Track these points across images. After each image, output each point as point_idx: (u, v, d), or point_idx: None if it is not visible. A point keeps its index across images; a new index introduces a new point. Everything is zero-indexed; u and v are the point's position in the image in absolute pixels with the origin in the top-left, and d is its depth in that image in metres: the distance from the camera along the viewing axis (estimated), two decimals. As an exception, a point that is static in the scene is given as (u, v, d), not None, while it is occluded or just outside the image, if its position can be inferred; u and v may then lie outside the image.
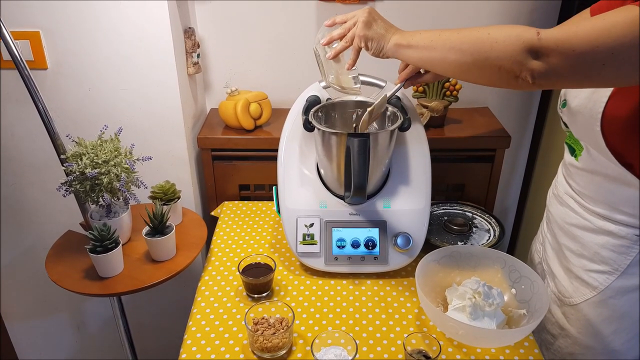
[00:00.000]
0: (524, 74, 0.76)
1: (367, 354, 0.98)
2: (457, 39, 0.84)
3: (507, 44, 0.77)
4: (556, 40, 0.73)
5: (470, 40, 0.82)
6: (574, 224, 1.00)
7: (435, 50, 0.87)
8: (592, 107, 0.86)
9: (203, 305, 1.09)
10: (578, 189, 0.98)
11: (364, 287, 1.14)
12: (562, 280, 1.04)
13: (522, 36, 0.75)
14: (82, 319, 1.73)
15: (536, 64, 0.75)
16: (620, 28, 0.68)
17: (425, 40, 0.89)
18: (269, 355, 0.96)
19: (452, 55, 0.84)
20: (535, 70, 0.75)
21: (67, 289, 1.11)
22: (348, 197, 1.14)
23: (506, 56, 0.77)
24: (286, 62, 1.53)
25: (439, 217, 1.35)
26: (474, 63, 0.82)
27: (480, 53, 0.80)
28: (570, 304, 1.01)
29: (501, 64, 0.78)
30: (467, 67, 0.84)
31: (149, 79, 1.31)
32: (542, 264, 1.14)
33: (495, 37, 0.78)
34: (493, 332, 0.98)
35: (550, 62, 0.74)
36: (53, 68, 1.29)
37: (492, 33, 0.79)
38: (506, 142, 1.45)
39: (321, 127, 1.08)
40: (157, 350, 1.75)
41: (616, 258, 0.93)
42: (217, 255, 1.24)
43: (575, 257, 1.00)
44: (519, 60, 0.76)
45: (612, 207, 0.91)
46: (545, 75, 0.75)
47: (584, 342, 1.00)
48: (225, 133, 1.45)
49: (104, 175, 1.11)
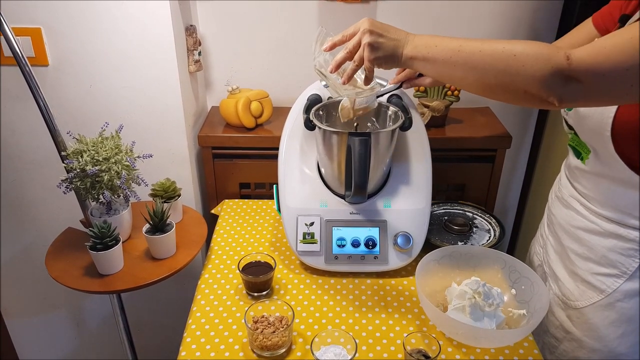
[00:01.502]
0: (552, 98, 0.74)
1: (367, 353, 0.98)
2: (479, 58, 0.79)
3: (536, 68, 0.74)
4: (587, 65, 0.71)
5: (495, 60, 0.78)
6: (579, 226, 0.99)
7: (455, 67, 0.83)
8: (603, 112, 0.84)
9: (203, 304, 1.09)
10: (584, 191, 0.97)
11: (363, 286, 1.14)
12: (566, 283, 1.03)
13: (552, 60, 0.72)
14: (82, 316, 1.73)
15: (565, 89, 0.73)
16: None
17: (444, 54, 0.84)
18: (269, 353, 0.96)
19: (474, 75, 0.81)
20: (563, 95, 0.73)
21: (67, 286, 1.11)
22: (348, 196, 1.14)
23: (534, 81, 0.74)
24: (287, 60, 1.53)
25: (440, 217, 1.35)
26: (498, 85, 0.80)
27: (506, 76, 0.77)
28: (576, 307, 1.00)
29: (528, 88, 0.76)
30: (490, 88, 0.81)
31: (150, 76, 1.31)
32: (543, 266, 1.14)
33: (523, 59, 0.75)
34: (493, 332, 0.98)
35: (580, 87, 0.72)
36: (54, 65, 1.29)
37: (519, 54, 0.76)
38: (507, 142, 1.45)
39: (322, 125, 1.08)
40: (157, 348, 1.75)
41: (624, 261, 0.92)
42: (217, 253, 1.24)
43: (582, 260, 0.99)
44: (548, 85, 0.73)
45: (621, 211, 0.91)
46: (574, 99, 0.74)
47: (590, 345, 0.99)
48: (226, 131, 1.45)
49: (105, 172, 1.10)
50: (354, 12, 1.46)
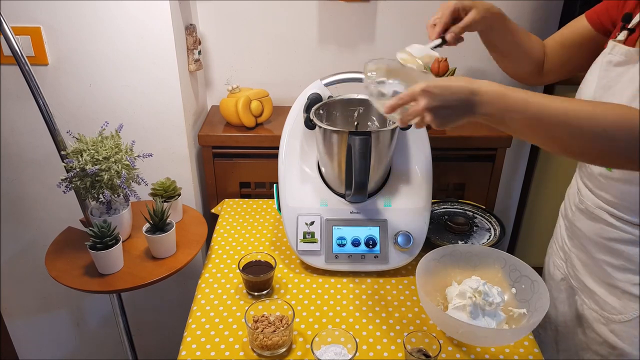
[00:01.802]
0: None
1: (367, 352, 0.97)
2: (565, 133, 0.75)
3: (630, 146, 0.72)
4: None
5: (583, 139, 0.75)
6: (612, 238, 0.93)
7: (536, 137, 0.79)
8: None
9: (203, 303, 1.09)
10: (613, 200, 0.91)
11: (364, 286, 1.14)
12: (604, 297, 0.97)
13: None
14: (82, 316, 1.73)
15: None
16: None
17: (521, 124, 0.78)
18: (269, 353, 0.96)
19: (560, 145, 0.78)
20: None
21: (67, 286, 1.11)
22: (349, 195, 1.13)
23: (628, 154, 0.73)
24: (287, 59, 1.53)
25: (440, 216, 1.35)
26: (590, 160, 0.82)
27: (597, 151, 0.76)
28: (621, 320, 0.95)
29: (622, 161, 0.76)
30: (583, 160, 0.86)
31: (150, 75, 1.31)
32: (568, 280, 1.07)
33: (613, 134, 0.72)
34: (493, 331, 0.98)
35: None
36: (54, 64, 1.29)
37: (608, 129, 0.73)
38: (507, 142, 1.45)
39: (322, 125, 1.08)
40: (157, 347, 1.75)
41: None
42: (217, 252, 1.24)
43: (619, 272, 0.94)
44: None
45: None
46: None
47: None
48: (226, 130, 1.45)
49: (105, 171, 1.10)
50: (354, 12, 1.46)
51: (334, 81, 1.19)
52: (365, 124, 1.22)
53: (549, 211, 1.81)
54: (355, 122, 1.22)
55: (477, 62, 1.54)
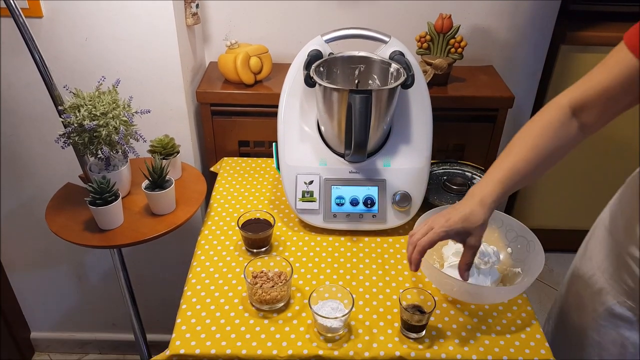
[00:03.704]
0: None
1: (363, 307, 1.00)
2: (537, 164, 0.86)
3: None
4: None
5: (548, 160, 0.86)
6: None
7: (527, 182, 0.88)
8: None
9: (203, 259, 1.10)
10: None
11: (361, 244, 1.15)
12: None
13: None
14: (84, 271, 1.76)
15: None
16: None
17: (512, 189, 0.87)
18: (268, 307, 0.98)
19: (546, 169, 0.88)
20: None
21: (68, 241, 1.12)
22: (348, 154, 1.13)
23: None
24: (288, 14, 1.49)
25: (439, 176, 1.35)
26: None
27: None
28: None
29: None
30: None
31: (146, 29, 1.28)
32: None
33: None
34: (487, 289, 1.00)
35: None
36: (48, 16, 1.26)
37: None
38: (509, 102, 1.43)
39: (322, 82, 1.07)
40: (158, 301, 1.79)
41: None
42: (216, 210, 1.25)
43: None
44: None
45: None
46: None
47: None
48: (225, 87, 1.43)
49: (103, 127, 1.10)
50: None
51: (335, 37, 1.17)
52: (366, 82, 1.20)
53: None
54: (356, 80, 1.20)
55: (482, 19, 1.50)
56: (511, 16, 1.50)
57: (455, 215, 0.86)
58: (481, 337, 0.95)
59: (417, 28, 1.45)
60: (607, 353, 1.01)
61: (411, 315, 0.92)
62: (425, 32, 1.43)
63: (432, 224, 0.88)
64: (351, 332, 0.94)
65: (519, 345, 0.93)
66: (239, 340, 0.92)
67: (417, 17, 1.47)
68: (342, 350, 0.91)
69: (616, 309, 0.97)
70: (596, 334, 1.01)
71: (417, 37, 1.44)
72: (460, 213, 0.86)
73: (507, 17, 1.50)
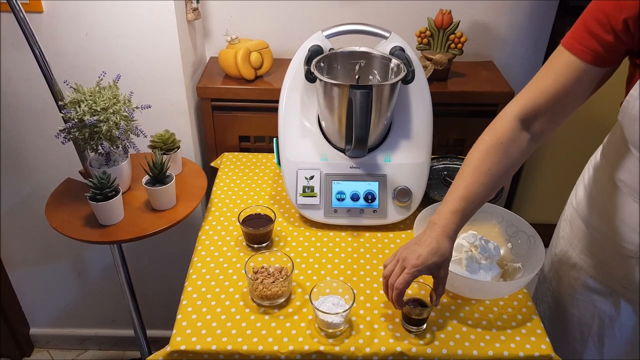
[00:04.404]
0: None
1: (364, 303, 1.00)
2: (490, 185, 0.88)
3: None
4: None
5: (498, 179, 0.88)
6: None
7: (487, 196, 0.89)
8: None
9: (204, 254, 1.10)
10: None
11: (362, 239, 1.15)
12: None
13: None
14: (83, 266, 1.76)
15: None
16: None
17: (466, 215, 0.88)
18: (268, 302, 0.98)
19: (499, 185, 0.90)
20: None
21: (68, 236, 1.12)
22: (349, 150, 1.13)
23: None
24: (288, 9, 1.49)
25: (439, 171, 1.35)
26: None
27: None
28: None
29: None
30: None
31: (147, 24, 1.27)
32: (620, 295, 0.98)
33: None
34: (488, 284, 1.00)
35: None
36: (49, 11, 1.25)
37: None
38: (509, 98, 1.42)
39: (323, 78, 1.07)
40: (158, 297, 1.79)
41: None
42: (217, 205, 1.25)
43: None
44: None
45: None
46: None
47: None
48: (225, 83, 1.43)
49: (103, 122, 1.09)
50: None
51: (335, 33, 1.17)
52: (366, 77, 1.20)
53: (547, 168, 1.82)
54: (356, 75, 1.20)
55: (482, 15, 1.50)
56: (511, 12, 1.50)
57: (424, 251, 0.86)
58: (482, 332, 0.95)
59: (417, 24, 1.45)
60: (586, 328, 1.05)
61: (412, 309, 0.92)
62: (425, 28, 1.42)
63: (403, 263, 0.87)
64: (352, 328, 0.95)
65: (519, 341, 0.93)
66: (239, 336, 0.92)
67: (417, 12, 1.47)
68: (343, 346, 0.91)
69: (590, 282, 1.01)
70: (575, 309, 1.05)
71: (417, 33, 1.44)
72: (428, 247, 0.86)
73: (507, 13, 1.50)
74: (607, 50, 0.78)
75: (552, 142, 1.71)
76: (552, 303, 1.12)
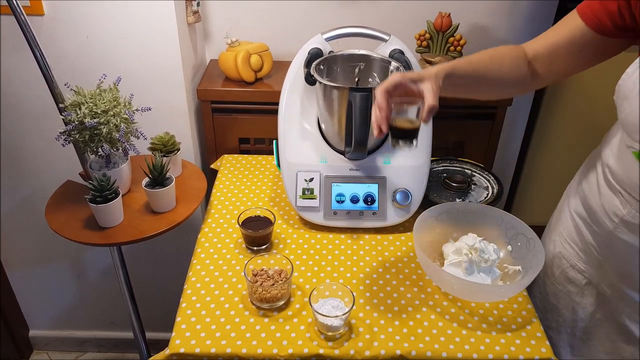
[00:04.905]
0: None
1: (364, 305, 1.00)
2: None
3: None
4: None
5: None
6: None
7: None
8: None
9: (203, 257, 1.10)
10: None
11: (362, 242, 1.15)
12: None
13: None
14: (83, 268, 1.76)
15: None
16: None
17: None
18: (268, 305, 0.98)
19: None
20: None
21: (67, 238, 1.12)
22: (348, 152, 1.13)
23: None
24: (288, 12, 1.49)
25: (438, 174, 1.35)
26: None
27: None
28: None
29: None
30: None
31: (147, 27, 1.28)
32: (599, 287, 1.00)
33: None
34: (488, 287, 1.00)
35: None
36: (50, 14, 1.25)
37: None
38: (508, 100, 1.44)
39: (323, 80, 1.07)
40: (157, 299, 1.79)
41: None
42: (216, 207, 1.25)
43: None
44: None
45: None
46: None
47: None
48: (225, 85, 1.43)
49: (103, 125, 1.10)
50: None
51: (335, 35, 1.17)
52: (366, 80, 1.20)
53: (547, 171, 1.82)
54: (356, 78, 1.20)
55: (481, 18, 1.50)
56: (510, 14, 1.50)
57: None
58: (482, 336, 0.95)
59: (416, 26, 1.45)
60: (562, 319, 1.08)
61: (397, 115, 0.85)
62: (424, 31, 1.43)
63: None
64: (352, 331, 0.95)
65: (519, 344, 0.93)
66: (239, 339, 0.92)
67: (416, 15, 1.47)
68: (342, 349, 0.91)
69: (569, 272, 1.04)
70: (554, 298, 1.08)
71: (417, 36, 1.44)
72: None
73: (506, 15, 1.50)
74: (611, 19, 0.85)
75: (552, 145, 1.72)
76: (537, 292, 1.14)
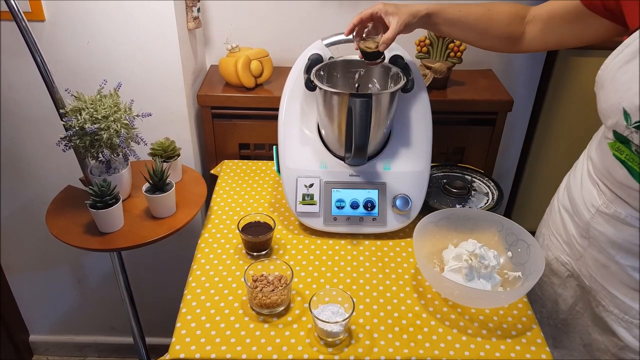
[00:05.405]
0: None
1: (364, 311, 1.00)
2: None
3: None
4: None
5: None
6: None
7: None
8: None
9: (203, 262, 1.10)
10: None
11: (361, 247, 1.15)
12: (629, 302, 0.94)
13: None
14: (83, 273, 1.76)
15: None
16: None
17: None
18: (268, 311, 0.98)
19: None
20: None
21: (68, 244, 1.12)
22: (348, 158, 1.14)
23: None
24: (288, 18, 1.50)
25: (439, 179, 1.36)
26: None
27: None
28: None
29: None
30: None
31: (148, 33, 1.28)
32: (578, 279, 1.03)
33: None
34: (488, 293, 1.00)
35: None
36: (51, 20, 1.26)
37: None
38: (508, 106, 1.44)
39: (323, 86, 1.07)
40: (157, 304, 1.79)
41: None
42: (216, 213, 1.25)
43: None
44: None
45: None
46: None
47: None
48: (226, 91, 1.43)
49: (104, 130, 1.10)
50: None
51: (335, 41, 1.18)
52: (366, 86, 1.21)
53: (547, 177, 1.82)
54: (356, 83, 1.20)
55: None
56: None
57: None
58: (482, 342, 0.94)
59: (416, 32, 1.44)
60: (545, 310, 1.12)
61: (363, 39, 1.05)
62: (424, 36, 1.43)
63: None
64: (352, 337, 0.94)
65: (519, 350, 0.93)
66: (238, 345, 0.92)
67: (417, 21, 1.48)
68: (342, 355, 0.91)
69: (553, 264, 1.09)
70: (538, 288, 1.12)
71: (417, 42, 1.44)
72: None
73: (507, 22, 1.50)
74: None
75: (552, 151, 1.72)
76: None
